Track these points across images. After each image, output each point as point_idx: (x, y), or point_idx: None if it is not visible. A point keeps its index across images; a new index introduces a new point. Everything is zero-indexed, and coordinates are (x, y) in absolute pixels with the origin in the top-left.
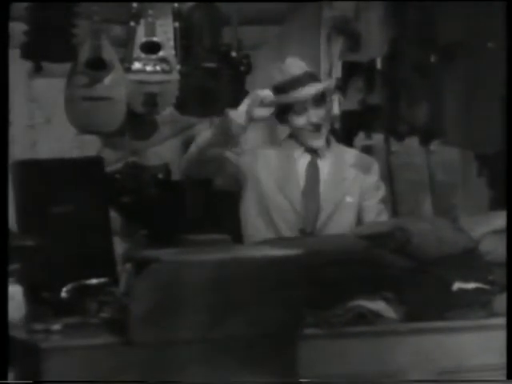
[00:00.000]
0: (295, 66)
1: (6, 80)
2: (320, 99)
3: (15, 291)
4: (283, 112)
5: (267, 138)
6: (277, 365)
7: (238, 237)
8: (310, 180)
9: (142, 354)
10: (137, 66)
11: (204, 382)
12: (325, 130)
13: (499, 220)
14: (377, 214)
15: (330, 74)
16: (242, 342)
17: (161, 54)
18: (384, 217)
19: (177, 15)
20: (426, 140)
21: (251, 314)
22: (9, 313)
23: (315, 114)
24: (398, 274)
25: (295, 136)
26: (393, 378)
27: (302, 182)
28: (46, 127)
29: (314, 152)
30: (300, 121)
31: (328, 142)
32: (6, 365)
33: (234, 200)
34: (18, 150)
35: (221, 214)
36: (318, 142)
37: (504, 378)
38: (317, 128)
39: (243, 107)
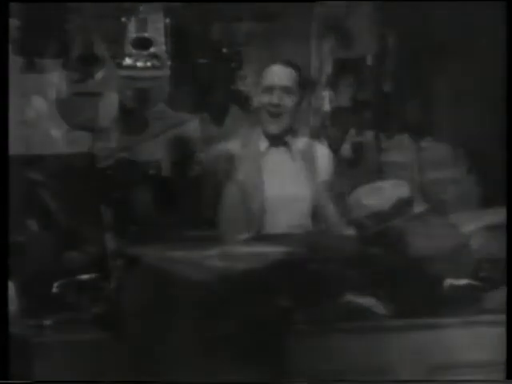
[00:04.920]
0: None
1: (6, 77)
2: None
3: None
4: None
5: None
6: (266, 361)
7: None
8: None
9: (133, 348)
10: (128, 61)
11: (195, 379)
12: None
13: (490, 216)
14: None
15: (320, 71)
16: (231, 339)
17: (152, 49)
18: None
19: (168, 11)
20: (416, 137)
21: (241, 310)
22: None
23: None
24: (389, 270)
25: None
26: (383, 374)
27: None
28: (37, 123)
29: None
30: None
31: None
32: (7, 365)
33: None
34: (10, 145)
35: (211, 211)
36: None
37: (496, 373)
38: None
39: None
